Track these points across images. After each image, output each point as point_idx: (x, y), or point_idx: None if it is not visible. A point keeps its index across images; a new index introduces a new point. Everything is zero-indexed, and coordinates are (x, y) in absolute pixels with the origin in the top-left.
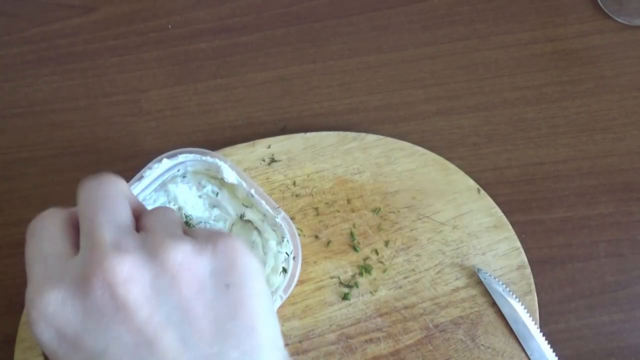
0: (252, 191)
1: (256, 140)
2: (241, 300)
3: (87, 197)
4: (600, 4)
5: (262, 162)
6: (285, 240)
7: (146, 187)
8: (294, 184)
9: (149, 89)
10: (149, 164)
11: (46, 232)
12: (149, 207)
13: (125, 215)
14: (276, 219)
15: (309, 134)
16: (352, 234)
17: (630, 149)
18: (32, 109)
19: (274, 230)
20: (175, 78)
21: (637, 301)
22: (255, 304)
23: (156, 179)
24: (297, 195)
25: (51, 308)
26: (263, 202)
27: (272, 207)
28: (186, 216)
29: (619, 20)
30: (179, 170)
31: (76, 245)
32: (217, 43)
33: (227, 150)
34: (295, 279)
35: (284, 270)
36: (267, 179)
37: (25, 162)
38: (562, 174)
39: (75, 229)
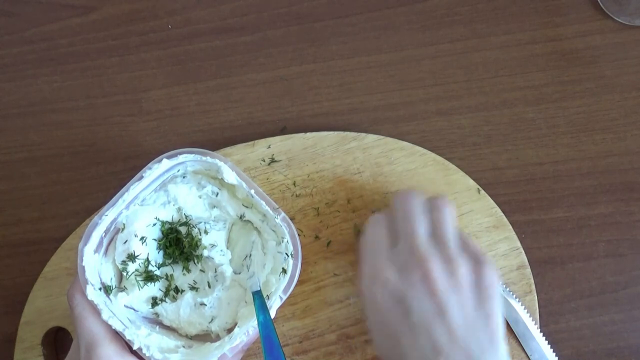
0: (252, 192)
1: (256, 140)
2: (490, 311)
3: (406, 209)
4: (600, 4)
5: (262, 162)
6: (285, 241)
7: (146, 187)
8: (294, 184)
9: (149, 89)
10: (149, 164)
11: (377, 232)
12: (149, 208)
13: (428, 227)
14: (276, 219)
15: (309, 134)
16: (353, 231)
17: (630, 149)
18: (32, 109)
19: (273, 230)
20: (175, 78)
21: (637, 301)
22: (497, 315)
23: (156, 179)
24: (297, 195)
25: (390, 279)
26: (263, 202)
27: (272, 208)
28: (186, 216)
29: (619, 20)
30: (179, 171)
31: (392, 239)
32: (217, 43)
33: (227, 150)
34: (295, 280)
35: (284, 270)
36: (267, 179)
37: (25, 162)
38: (562, 174)
39: (391, 230)
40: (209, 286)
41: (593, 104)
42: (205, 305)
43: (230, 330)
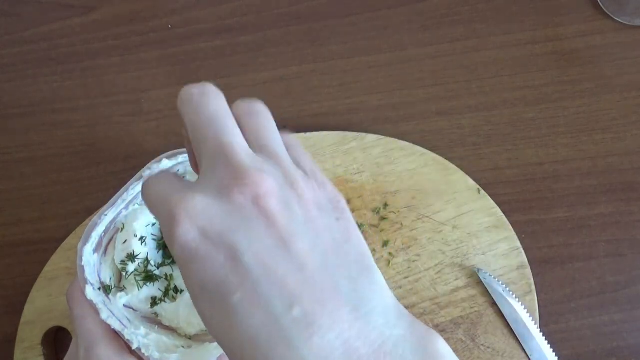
0: None
1: None
2: (350, 231)
3: (206, 111)
4: (600, 4)
5: None
6: None
7: None
8: None
9: (149, 89)
10: (149, 164)
11: (160, 180)
12: (146, 209)
13: (239, 133)
14: None
15: (309, 134)
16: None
17: (630, 149)
18: (32, 109)
19: None
20: (175, 78)
21: (637, 301)
22: (360, 236)
23: None
24: None
25: (198, 208)
26: None
27: None
28: None
29: (619, 20)
30: (178, 171)
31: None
32: (217, 43)
33: None
34: None
35: None
36: None
37: (25, 162)
38: (562, 174)
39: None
40: None
41: (593, 104)
42: None
43: None
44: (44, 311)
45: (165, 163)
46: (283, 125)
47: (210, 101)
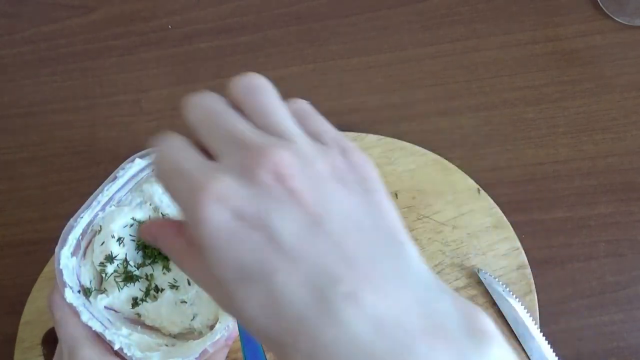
0: None
1: None
2: (380, 204)
3: (206, 110)
4: (600, 4)
5: None
6: None
7: (121, 188)
8: None
9: (149, 89)
10: (122, 165)
11: (176, 152)
12: (125, 208)
13: (242, 119)
14: None
15: None
16: None
17: (630, 149)
18: (32, 109)
19: None
20: (175, 78)
21: (637, 301)
22: (391, 208)
23: (130, 179)
24: None
25: (228, 189)
26: None
27: None
28: (163, 215)
29: (619, 20)
30: (153, 170)
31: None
32: (217, 43)
33: None
34: None
35: None
36: None
37: (25, 162)
38: (562, 174)
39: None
40: (189, 283)
41: (593, 104)
42: (186, 302)
43: (212, 327)
44: (44, 311)
45: (139, 162)
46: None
47: (212, 100)
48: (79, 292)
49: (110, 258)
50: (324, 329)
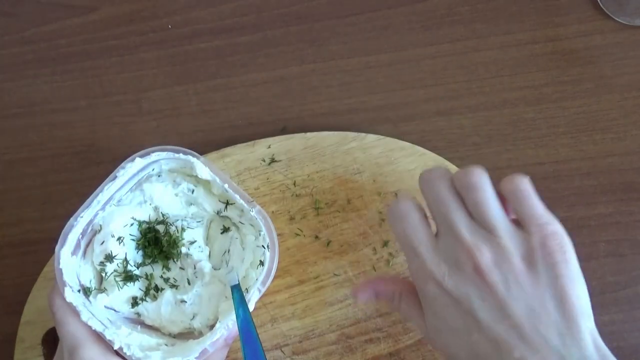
0: (226, 186)
1: (256, 140)
2: (564, 286)
3: (434, 194)
4: (600, 4)
5: (262, 162)
6: (262, 233)
7: (121, 187)
8: (294, 184)
9: (149, 89)
10: (122, 164)
11: (412, 219)
12: (125, 208)
13: (466, 213)
14: (251, 212)
15: (309, 134)
16: (352, 233)
17: (630, 149)
18: (32, 109)
19: (251, 225)
20: (175, 78)
21: (637, 301)
22: (574, 284)
23: (131, 178)
24: (297, 195)
25: (444, 279)
26: (237, 196)
27: (246, 202)
28: (163, 215)
29: (619, 20)
30: (153, 169)
31: (428, 225)
32: (217, 43)
33: (227, 150)
34: (273, 272)
35: (261, 263)
36: (267, 179)
37: (25, 162)
38: (562, 174)
39: (423, 213)
40: (189, 283)
41: (593, 104)
42: (186, 302)
43: (212, 327)
44: (44, 311)
45: (139, 162)
46: (283, 126)
47: (440, 183)
48: (79, 291)
49: (110, 257)
50: None
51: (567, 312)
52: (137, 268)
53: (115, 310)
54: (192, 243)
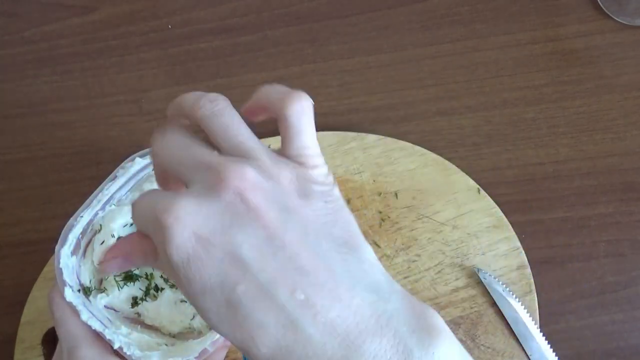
0: None
1: None
2: (337, 213)
3: (170, 151)
4: (600, 4)
5: None
6: None
7: (121, 187)
8: None
9: (149, 89)
10: (122, 164)
11: (143, 197)
12: (125, 208)
13: (207, 147)
14: None
15: None
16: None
17: (630, 149)
18: (32, 109)
19: None
20: (175, 78)
21: (637, 301)
22: (347, 216)
23: (131, 178)
24: None
25: (186, 211)
26: None
27: None
28: None
29: (619, 20)
30: (153, 170)
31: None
32: (217, 43)
33: None
34: None
35: None
36: None
37: (25, 162)
38: (562, 174)
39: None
40: None
41: (593, 104)
42: (186, 302)
43: None
44: (44, 311)
45: (139, 162)
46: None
47: (170, 135)
48: (78, 291)
49: None
50: (285, 335)
51: (346, 237)
52: (137, 268)
53: (115, 310)
54: None
